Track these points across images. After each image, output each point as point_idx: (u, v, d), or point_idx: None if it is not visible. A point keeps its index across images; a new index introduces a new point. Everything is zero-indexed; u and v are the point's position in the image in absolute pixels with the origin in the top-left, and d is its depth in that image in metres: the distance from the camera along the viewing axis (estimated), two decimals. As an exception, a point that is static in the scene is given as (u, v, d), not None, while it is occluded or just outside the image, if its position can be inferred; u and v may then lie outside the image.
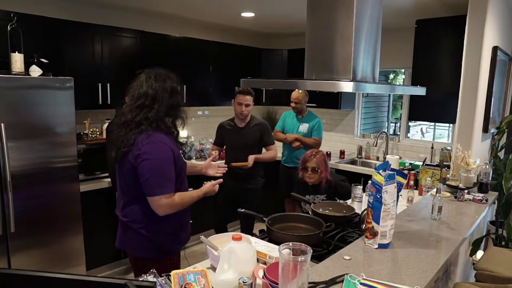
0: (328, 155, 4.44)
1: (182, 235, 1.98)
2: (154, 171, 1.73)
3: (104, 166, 3.25)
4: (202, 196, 1.99)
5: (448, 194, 2.54)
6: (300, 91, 3.87)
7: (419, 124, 8.70)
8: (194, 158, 4.27)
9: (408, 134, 4.97)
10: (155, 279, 1.38)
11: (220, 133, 3.42)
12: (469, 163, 2.64)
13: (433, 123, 7.91)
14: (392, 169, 1.69)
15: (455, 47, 3.20)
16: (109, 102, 3.41)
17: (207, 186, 2.03)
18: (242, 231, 3.03)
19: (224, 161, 3.33)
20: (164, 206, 1.77)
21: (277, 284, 1.22)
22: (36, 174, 2.58)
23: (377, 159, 4.57)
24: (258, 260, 1.56)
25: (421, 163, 3.49)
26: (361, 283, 1.35)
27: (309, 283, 1.30)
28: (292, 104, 3.91)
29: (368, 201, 1.69)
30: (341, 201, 2.45)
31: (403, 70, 5.15)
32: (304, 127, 3.92)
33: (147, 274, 1.42)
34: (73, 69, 3.05)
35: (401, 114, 4.67)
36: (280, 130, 4.05)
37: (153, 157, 1.73)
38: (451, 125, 4.74)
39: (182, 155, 1.95)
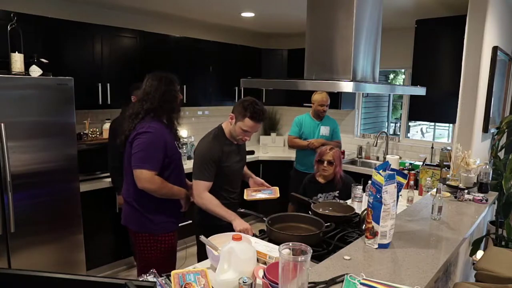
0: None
1: (176, 214, 2.19)
2: (142, 147, 1.97)
3: (104, 166, 3.25)
4: (180, 196, 2.16)
5: (448, 194, 2.54)
6: (322, 92, 3.62)
7: (419, 124, 8.70)
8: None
9: (408, 134, 4.98)
10: (155, 279, 1.38)
11: (218, 160, 2.15)
12: (469, 163, 2.64)
13: (433, 123, 7.92)
14: (392, 169, 1.69)
15: (455, 47, 3.20)
16: (109, 102, 3.40)
17: (188, 197, 2.21)
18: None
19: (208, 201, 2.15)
20: (142, 179, 1.94)
21: (277, 284, 1.22)
22: (36, 174, 2.58)
23: (377, 159, 4.57)
24: (258, 260, 1.56)
25: (421, 163, 3.49)
26: (361, 283, 1.35)
27: (309, 283, 1.30)
28: (322, 108, 3.65)
29: (368, 201, 1.69)
30: (341, 201, 2.45)
31: (403, 70, 5.15)
32: (325, 130, 3.72)
33: (147, 274, 1.42)
34: (73, 69, 3.05)
35: (401, 114, 4.67)
36: (296, 136, 3.74)
37: (145, 137, 1.98)
38: (451, 125, 4.74)
39: (177, 148, 2.16)
